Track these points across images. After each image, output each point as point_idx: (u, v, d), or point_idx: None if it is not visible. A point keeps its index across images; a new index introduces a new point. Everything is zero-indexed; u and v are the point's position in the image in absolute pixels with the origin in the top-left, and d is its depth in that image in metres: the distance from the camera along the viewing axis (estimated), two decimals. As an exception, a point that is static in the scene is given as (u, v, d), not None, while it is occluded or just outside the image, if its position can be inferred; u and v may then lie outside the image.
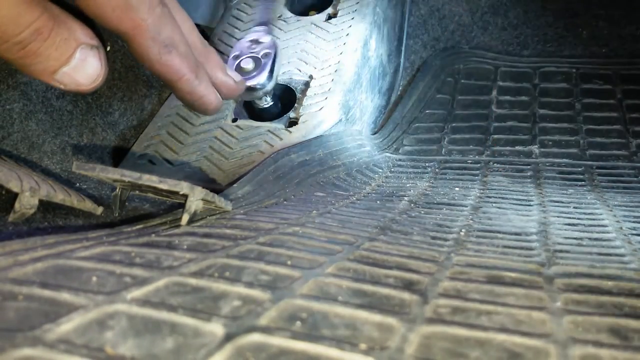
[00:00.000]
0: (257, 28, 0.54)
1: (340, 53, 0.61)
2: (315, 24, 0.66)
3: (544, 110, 0.68)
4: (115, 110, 0.56)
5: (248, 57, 0.50)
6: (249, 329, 0.16)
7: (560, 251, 0.29)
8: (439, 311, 0.19)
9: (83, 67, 0.29)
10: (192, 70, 0.35)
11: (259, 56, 0.50)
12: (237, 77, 0.43)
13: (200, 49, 0.39)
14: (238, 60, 0.50)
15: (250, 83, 0.49)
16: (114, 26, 0.30)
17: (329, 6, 0.68)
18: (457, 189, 0.49)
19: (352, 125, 0.60)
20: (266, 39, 0.51)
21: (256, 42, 0.51)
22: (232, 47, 0.56)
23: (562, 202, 0.44)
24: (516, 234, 0.33)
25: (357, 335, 0.17)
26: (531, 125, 0.66)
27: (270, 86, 0.50)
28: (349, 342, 0.16)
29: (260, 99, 0.54)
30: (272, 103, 0.55)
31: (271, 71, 0.49)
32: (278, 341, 0.16)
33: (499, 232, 0.34)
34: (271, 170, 0.46)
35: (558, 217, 0.38)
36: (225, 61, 0.50)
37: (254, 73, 0.49)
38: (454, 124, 0.68)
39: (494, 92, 0.71)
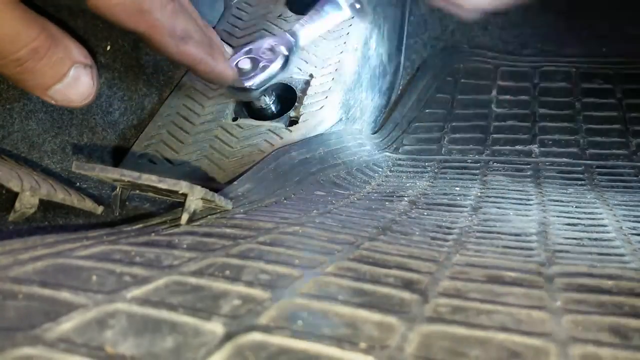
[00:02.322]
0: (277, 37, 0.51)
1: (341, 52, 0.61)
2: (315, 23, 0.65)
3: (544, 110, 0.68)
4: (116, 110, 0.56)
5: (247, 57, 0.49)
6: (249, 328, 0.16)
7: (560, 251, 0.29)
8: (439, 310, 0.19)
9: (75, 85, 0.30)
10: (208, 53, 0.36)
11: (259, 57, 0.49)
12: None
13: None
14: (235, 61, 0.49)
15: (246, 84, 0.48)
16: (132, 28, 0.31)
17: (328, 5, 0.68)
18: (457, 188, 0.49)
19: (352, 124, 0.60)
20: (282, 50, 0.49)
21: (272, 50, 0.49)
22: (232, 46, 0.55)
23: (562, 202, 0.44)
24: (516, 234, 0.33)
25: (357, 334, 0.17)
26: (531, 124, 0.66)
27: (259, 88, 0.48)
28: (349, 341, 0.16)
29: (258, 99, 0.53)
30: (270, 103, 0.55)
31: (267, 75, 0.48)
32: (278, 340, 0.16)
33: (499, 232, 0.34)
34: (271, 168, 0.46)
35: (558, 217, 0.38)
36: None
37: (251, 74, 0.48)
38: (454, 124, 0.67)
39: (494, 92, 0.71)
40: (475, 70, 0.75)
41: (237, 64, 0.48)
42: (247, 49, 0.49)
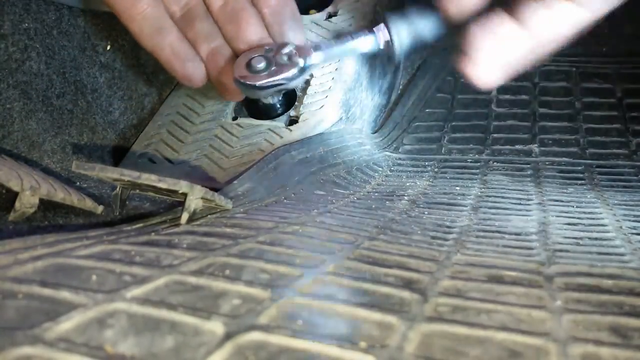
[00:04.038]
0: (300, 47, 0.47)
1: (341, 52, 0.61)
2: (315, 23, 0.65)
3: (544, 109, 0.68)
4: (116, 110, 0.56)
5: (260, 55, 0.46)
6: (249, 327, 0.16)
7: (560, 250, 0.29)
8: (439, 310, 0.19)
9: None
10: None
11: (275, 59, 0.46)
12: None
13: None
14: (249, 58, 0.47)
15: (253, 82, 0.45)
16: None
17: (329, 5, 0.68)
18: (457, 188, 0.49)
19: (352, 124, 0.60)
20: (299, 62, 0.46)
21: (290, 58, 0.46)
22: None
23: (562, 201, 0.44)
24: (516, 233, 0.33)
25: (357, 333, 0.17)
26: (531, 124, 0.66)
27: (264, 90, 0.46)
28: (349, 340, 0.16)
29: (266, 97, 0.53)
30: (277, 101, 0.54)
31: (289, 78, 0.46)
32: (278, 339, 0.16)
33: (498, 231, 0.34)
34: (271, 167, 0.46)
35: (558, 216, 0.38)
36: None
37: (264, 73, 0.46)
38: (453, 123, 0.67)
39: (494, 91, 0.71)
40: None
41: (251, 61, 0.46)
42: (267, 47, 0.48)
